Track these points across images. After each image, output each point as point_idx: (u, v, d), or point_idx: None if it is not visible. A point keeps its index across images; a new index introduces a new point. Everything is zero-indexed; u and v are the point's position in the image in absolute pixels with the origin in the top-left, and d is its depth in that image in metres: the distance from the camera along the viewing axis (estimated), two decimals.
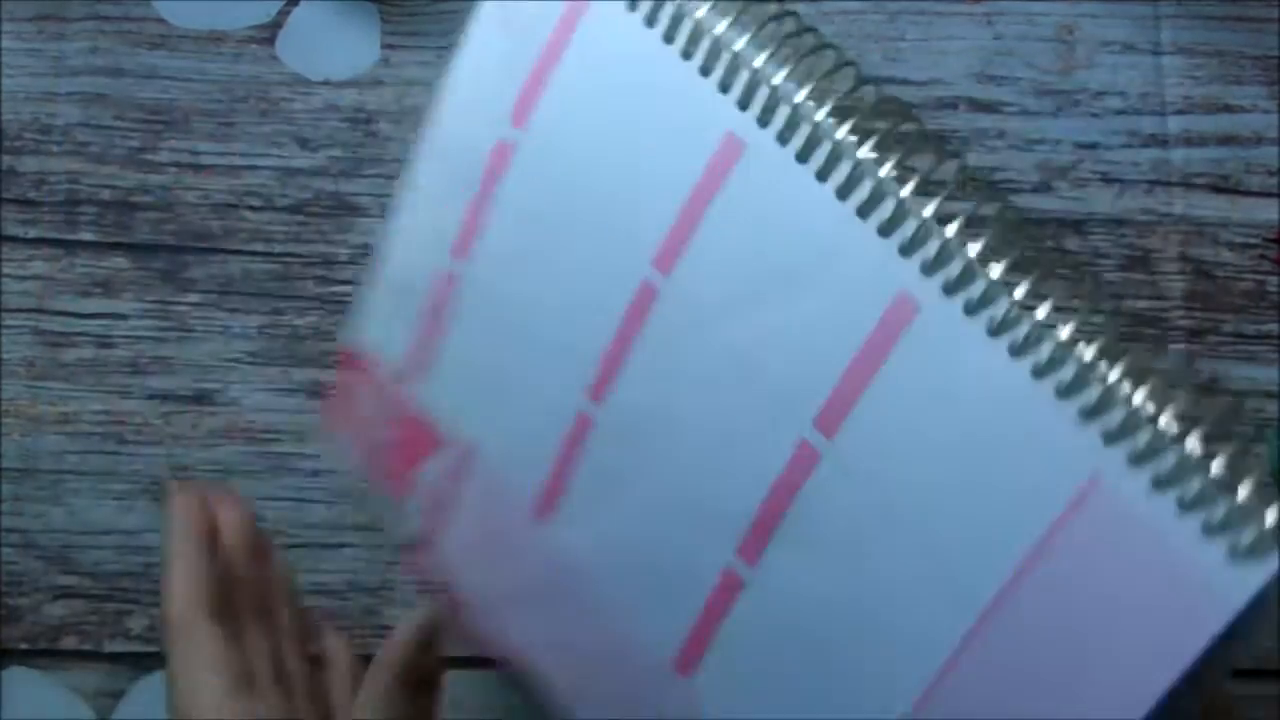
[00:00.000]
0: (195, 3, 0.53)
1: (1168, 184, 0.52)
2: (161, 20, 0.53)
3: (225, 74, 0.53)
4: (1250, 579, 0.26)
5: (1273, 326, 0.50)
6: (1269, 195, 0.52)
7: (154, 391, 0.49)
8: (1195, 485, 0.27)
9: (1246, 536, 0.26)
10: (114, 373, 0.49)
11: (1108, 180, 0.52)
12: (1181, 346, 0.50)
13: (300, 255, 0.51)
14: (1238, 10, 0.54)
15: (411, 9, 0.54)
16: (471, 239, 0.38)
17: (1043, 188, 0.52)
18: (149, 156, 0.52)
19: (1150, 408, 0.28)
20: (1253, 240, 0.51)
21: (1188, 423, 0.28)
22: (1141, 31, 0.53)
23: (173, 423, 0.49)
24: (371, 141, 0.52)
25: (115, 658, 0.47)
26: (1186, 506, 0.27)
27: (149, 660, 0.47)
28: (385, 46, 0.53)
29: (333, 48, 0.53)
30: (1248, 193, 0.52)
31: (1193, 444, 0.28)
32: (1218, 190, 0.52)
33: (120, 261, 0.51)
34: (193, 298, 0.50)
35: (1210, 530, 0.27)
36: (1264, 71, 0.53)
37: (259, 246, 0.51)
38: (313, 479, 0.49)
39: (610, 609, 0.36)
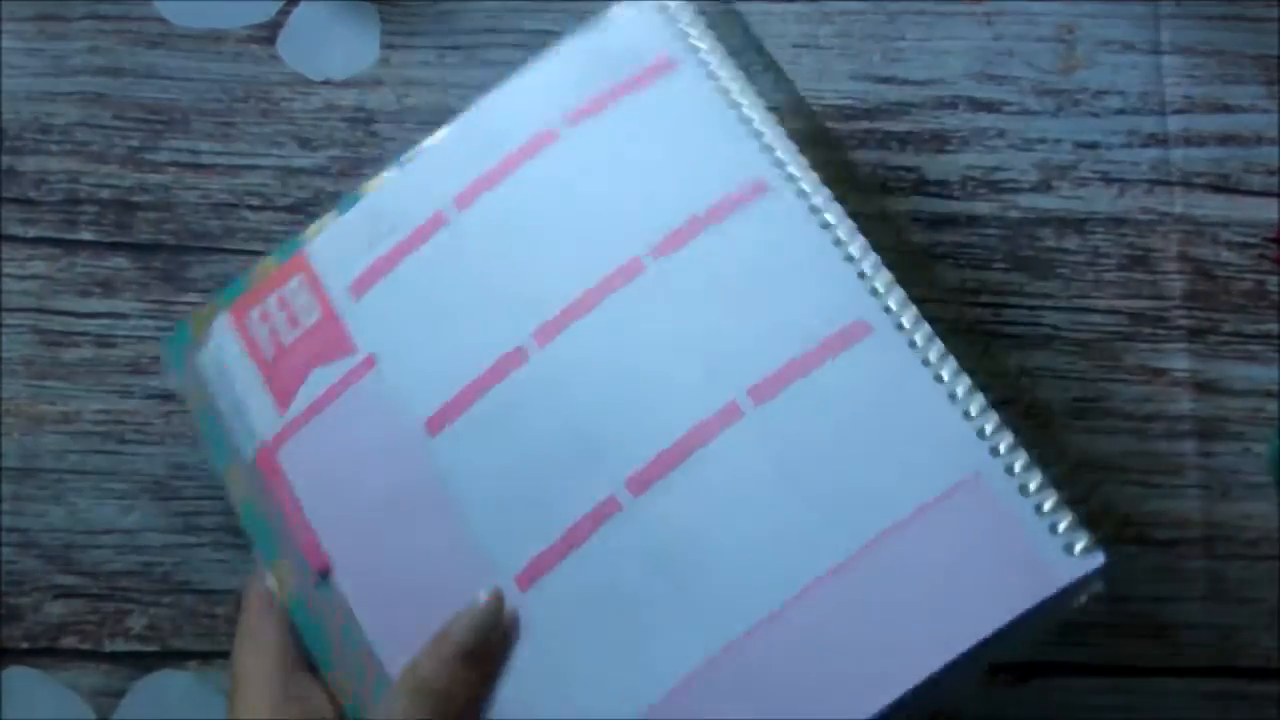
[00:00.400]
0: (195, 2, 0.53)
1: (1168, 183, 0.52)
2: (162, 20, 0.53)
3: (225, 73, 0.53)
4: (1076, 569, 0.38)
5: (1273, 326, 0.50)
6: (1269, 195, 0.52)
7: (154, 391, 0.49)
8: (1050, 500, 0.39)
9: (1079, 541, 0.38)
10: (114, 372, 0.49)
11: (1108, 180, 0.52)
12: (1182, 346, 0.50)
13: None
14: (1237, 10, 0.54)
15: (411, 9, 0.53)
16: (478, 194, 0.45)
17: (1043, 187, 0.52)
18: (149, 156, 0.52)
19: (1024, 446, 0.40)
20: (1253, 240, 0.51)
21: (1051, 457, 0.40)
22: (1141, 31, 0.53)
23: (173, 422, 0.49)
24: (371, 141, 0.52)
25: (115, 657, 0.47)
26: (1041, 514, 0.38)
27: (149, 660, 0.47)
28: (385, 46, 0.53)
29: (333, 47, 0.53)
30: (1248, 192, 0.52)
31: (1049, 474, 0.39)
32: (1218, 190, 0.52)
33: (120, 261, 0.51)
34: (193, 298, 0.50)
35: (1055, 532, 0.38)
36: (1264, 71, 0.53)
37: (259, 246, 0.51)
38: None
39: (468, 521, 0.42)
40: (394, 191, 0.47)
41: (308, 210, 0.51)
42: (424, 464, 0.43)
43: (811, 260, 0.42)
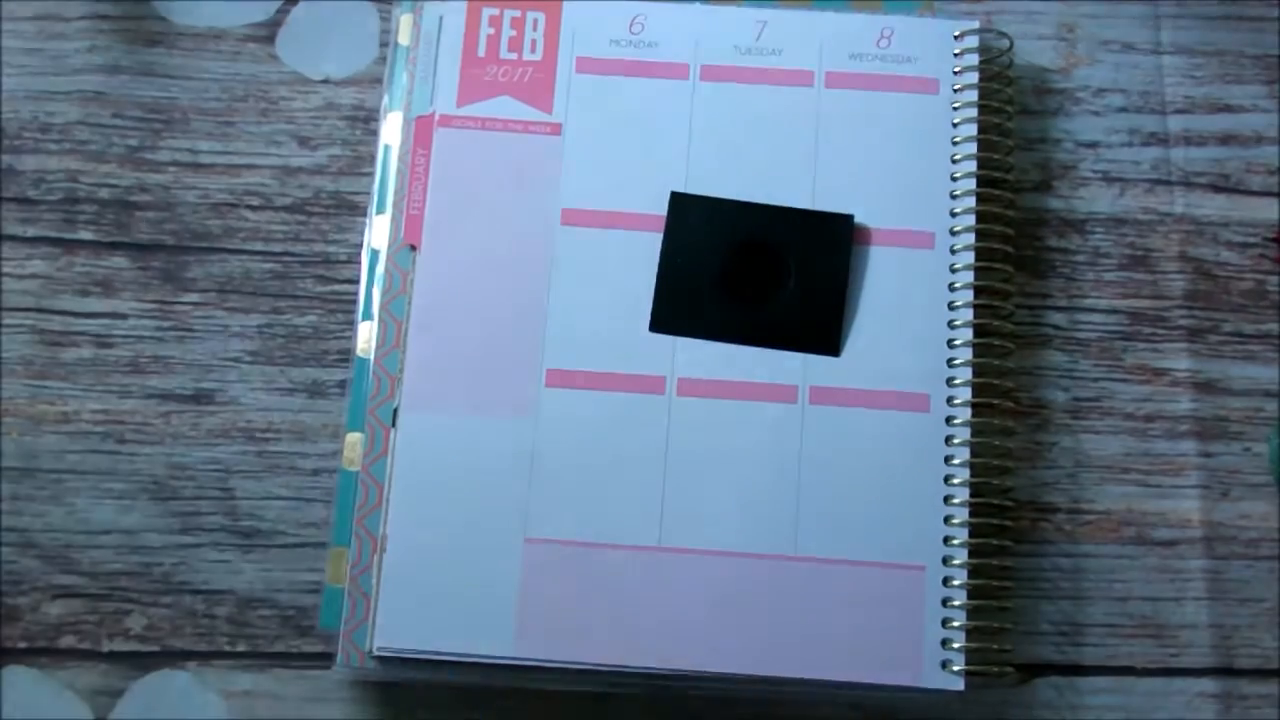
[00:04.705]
0: (195, 1, 0.53)
1: (1168, 183, 0.52)
2: (161, 18, 0.53)
3: (225, 72, 0.53)
4: (937, 681, 0.45)
5: (1273, 326, 0.50)
6: (1269, 194, 0.52)
7: (154, 391, 0.49)
8: (960, 619, 0.45)
9: (956, 663, 0.45)
10: (114, 372, 0.49)
11: (1108, 179, 0.52)
12: (1182, 346, 0.50)
13: (300, 254, 0.51)
14: (1238, 10, 0.54)
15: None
16: (724, 79, 0.50)
17: (1043, 187, 0.52)
18: (148, 155, 0.52)
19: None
20: (1253, 239, 0.51)
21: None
22: (1142, 30, 0.53)
23: (173, 422, 0.49)
24: (371, 140, 0.52)
25: (114, 657, 0.47)
26: (947, 626, 0.45)
27: (148, 659, 0.47)
28: (384, 45, 0.53)
29: (332, 46, 0.53)
30: (1248, 192, 0.52)
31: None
32: (1218, 189, 0.52)
33: (120, 261, 0.51)
34: (192, 297, 0.50)
35: (945, 646, 0.45)
36: (1264, 71, 0.53)
37: (259, 246, 0.51)
38: (312, 478, 0.49)
39: (547, 310, 0.48)
40: (663, 15, 0.51)
41: (307, 209, 0.51)
42: (545, 242, 0.48)
43: (922, 322, 0.47)
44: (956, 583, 0.45)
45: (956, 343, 0.47)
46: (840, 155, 0.49)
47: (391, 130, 0.50)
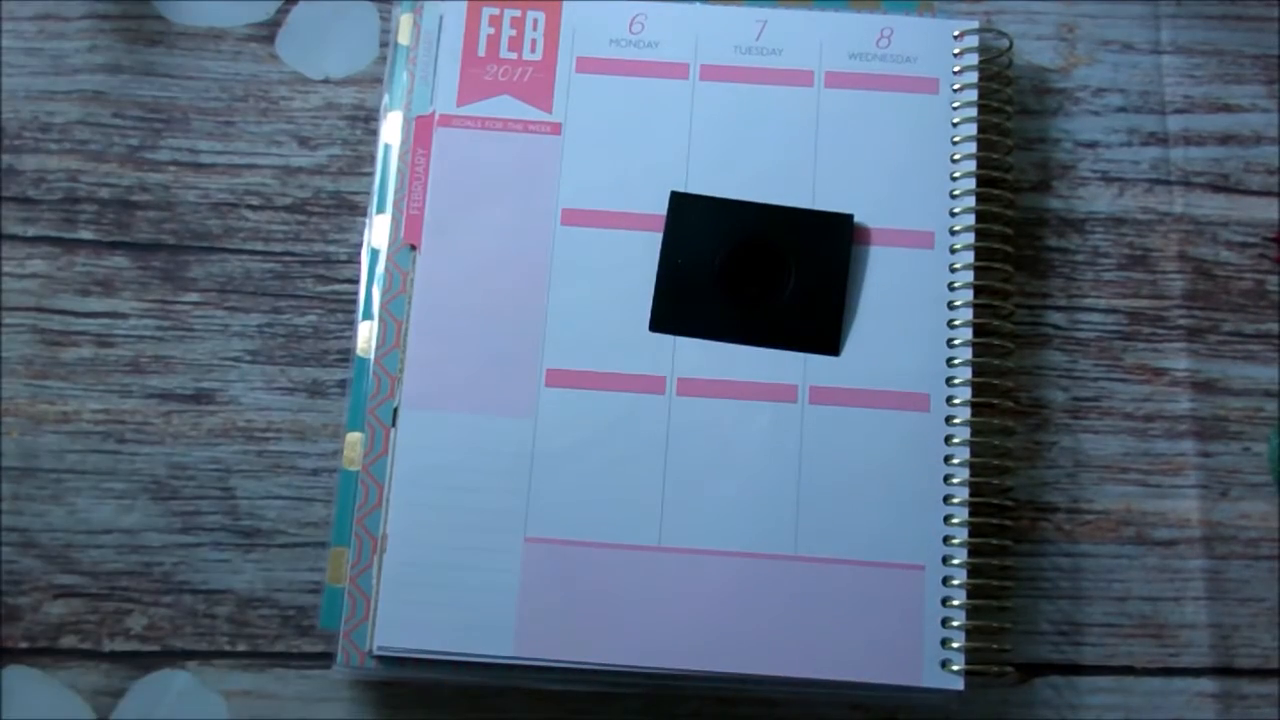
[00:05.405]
0: (195, 1, 0.53)
1: (1167, 183, 0.52)
2: (161, 18, 0.53)
3: (225, 72, 0.53)
4: (941, 680, 0.45)
5: (1272, 325, 0.50)
6: (1269, 194, 0.52)
7: (154, 391, 0.49)
8: (959, 619, 0.45)
9: (955, 663, 0.45)
10: (114, 372, 0.49)
11: (1108, 179, 0.52)
12: (1181, 346, 0.50)
13: (300, 254, 0.51)
14: (1237, 9, 0.54)
15: None
16: (723, 79, 0.50)
17: (1043, 187, 0.52)
18: (148, 155, 0.52)
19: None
20: (1252, 239, 0.51)
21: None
22: (1141, 30, 0.53)
23: (173, 422, 0.49)
24: (371, 140, 0.52)
25: (115, 657, 0.47)
26: (946, 625, 0.45)
27: (148, 659, 0.47)
28: (384, 44, 0.53)
29: (332, 46, 0.53)
30: (1247, 191, 0.52)
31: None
32: (1217, 189, 0.52)
33: (120, 260, 0.51)
34: (193, 297, 0.50)
35: (944, 646, 0.45)
36: (1263, 70, 0.53)
37: (259, 245, 0.51)
38: (312, 478, 0.49)
39: (546, 309, 0.48)
40: (663, 14, 0.51)
41: (307, 209, 0.51)
42: (545, 242, 0.48)
43: (921, 322, 0.47)
44: (956, 582, 0.45)
45: (956, 342, 0.47)
46: (840, 155, 0.49)
47: (391, 130, 0.50)
